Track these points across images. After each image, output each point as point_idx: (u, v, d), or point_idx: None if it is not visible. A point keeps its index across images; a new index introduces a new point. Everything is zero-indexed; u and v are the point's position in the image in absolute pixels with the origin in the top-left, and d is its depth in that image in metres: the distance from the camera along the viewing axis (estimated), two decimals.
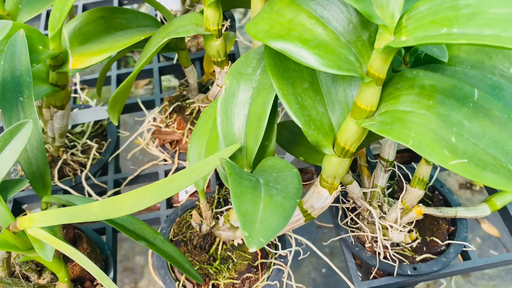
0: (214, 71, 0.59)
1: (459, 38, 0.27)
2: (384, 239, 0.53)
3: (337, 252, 1.07)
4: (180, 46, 0.64)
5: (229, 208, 0.57)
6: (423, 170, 0.49)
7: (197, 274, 0.50)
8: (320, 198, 0.44)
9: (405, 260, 0.54)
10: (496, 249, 1.08)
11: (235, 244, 0.55)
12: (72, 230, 0.56)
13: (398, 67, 0.47)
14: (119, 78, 0.85)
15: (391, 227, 0.52)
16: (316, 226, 1.11)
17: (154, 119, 0.72)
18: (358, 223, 0.56)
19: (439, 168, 0.62)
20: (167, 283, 0.54)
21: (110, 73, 0.85)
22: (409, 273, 0.52)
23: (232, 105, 0.46)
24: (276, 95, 0.43)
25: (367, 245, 0.55)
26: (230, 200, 0.55)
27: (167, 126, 0.70)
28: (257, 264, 0.54)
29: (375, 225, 0.53)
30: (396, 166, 0.60)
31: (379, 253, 0.53)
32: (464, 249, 0.55)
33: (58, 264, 0.46)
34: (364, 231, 0.54)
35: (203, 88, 0.73)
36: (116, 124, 0.59)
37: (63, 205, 0.51)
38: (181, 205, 0.61)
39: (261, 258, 0.55)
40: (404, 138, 0.32)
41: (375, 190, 0.54)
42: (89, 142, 0.72)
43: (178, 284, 0.53)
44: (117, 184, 0.71)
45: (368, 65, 0.34)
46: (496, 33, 0.26)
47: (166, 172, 0.71)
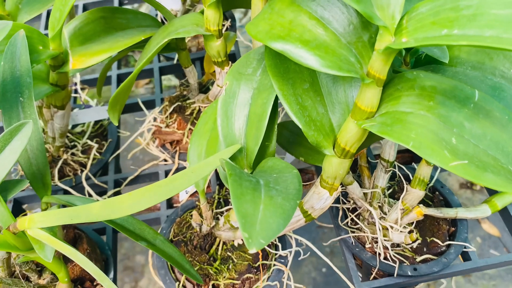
0: (215, 71, 0.59)
1: (460, 40, 0.27)
2: (385, 240, 0.53)
3: (338, 252, 1.07)
4: (181, 46, 0.64)
5: (229, 209, 0.57)
6: (424, 171, 0.49)
7: (197, 275, 0.50)
8: (321, 199, 0.44)
9: (406, 261, 0.54)
10: (497, 249, 1.08)
11: (235, 245, 0.55)
12: (72, 230, 0.56)
13: (399, 68, 0.47)
14: (120, 78, 0.85)
15: (392, 228, 0.52)
16: (317, 226, 1.11)
17: (155, 119, 0.72)
18: (359, 224, 0.56)
19: (440, 169, 0.62)
20: (167, 283, 0.54)
21: (111, 73, 0.85)
22: (410, 274, 0.52)
23: (233, 106, 0.45)
24: (277, 96, 0.43)
25: (368, 246, 0.55)
26: (230, 201, 0.55)
27: (168, 126, 0.70)
28: (258, 265, 0.54)
29: (376, 226, 0.53)
30: (397, 167, 0.60)
31: (380, 254, 0.53)
32: (465, 250, 0.55)
33: (58, 265, 0.46)
34: (365, 232, 0.54)
35: (204, 88, 0.73)
36: (117, 124, 0.59)
37: (63, 206, 0.51)
38: (181, 205, 0.61)
39: (262, 259, 0.55)
40: (405, 139, 0.32)
41: (376, 191, 0.54)
42: (90, 142, 0.72)
43: (178, 285, 0.53)
44: (118, 184, 0.71)
45: (369, 66, 0.34)
46: (497, 35, 0.26)
47: (167, 172, 0.71)
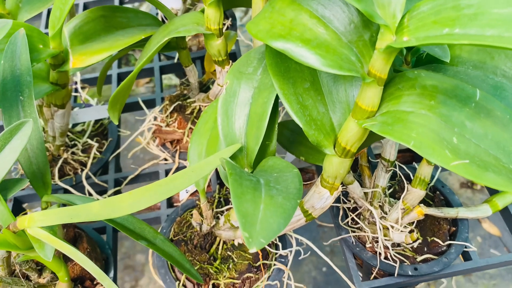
0: (215, 70, 0.59)
1: (461, 39, 0.27)
2: (385, 239, 0.53)
3: (338, 251, 1.07)
4: (181, 45, 0.64)
5: (230, 208, 0.57)
6: (425, 171, 0.48)
7: (198, 274, 0.50)
8: (321, 198, 0.44)
9: (406, 261, 0.53)
10: (497, 248, 1.07)
11: (236, 244, 0.55)
12: (73, 229, 0.56)
13: (400, 67, 0.47)
14: (120, 77, 0.85)
15: (392, 227, 0.52)
16: (317, 225, 1.11)
17: (155, 118, 0.72)
18: (359, 223, 0.56)
19: (440, 168, 0.62)
20: (168, 283, 0.54)
21: (111, 72, 0.85)
22: (410, 274, 0.52)
23: (233, 105, 0.45)
24: (277, 95, 0.43)
25: (368, 245, 0.55)
26: (231, 200, 0.55)
27: (168, 125, 0.69)
28: (258, 264, 0.54)
29: (376, 225, 0.52)
30: (397, 166, 0.60)
31: (380, 253, 0.53)
32: (465, 250, 0.55)
33: (58, 264, 0.46)
34: (365, 231, 0.54)
35: (204, 87, 0.73)
36: (117, 123, 0.59)
37: (63, 205, 0.51)
38: (182, 205, 0.61)
39: (262, 258, 0.54)
40: (406, 139, 0.32)
41: (376, 190, 0.54)
42: (90, 141, 0.72)
43: (179, 284, 0.53)
44: (118, 183, 0.71)
45: (370, 65, 0.34)
46: (498, 34, 0.26)
47: (167, 172, 0.71)
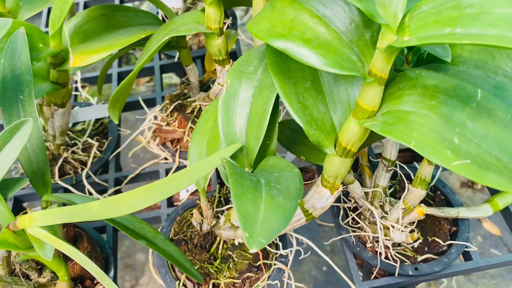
0: (215, 70, 0.59)
1: (463, 38, 0.27)
2: (386, 239, 0.53)
3: (338, 250, 1.07)
4: (181, 44, 0.64)
5: (230, 207, 0.57)
6: (425, 170, 0.48)
7: (198, 274, 0.50)
8: (322, 198, 0.44)
9: (407, 260, 0.53)
10: (497, 248, 1.07)
11: (236, 243, 0.55)
12: (73, 229, 0.56)
13: (401, 66, 0.47)
14: (120, 76, 0.85)
15: (393, 227, 0.52)
16: (317, 225, 1.11)
17: (155, 118, 0.72)
18: (360, 223, 0.55)
19: (441, 168, 0.62)
20: (168, 282, 0.54)
21: (111, 71, 0.85)
22: (411, 274, 0.52)
23: (234, 104, 0.45)
24: (278, 94, 0.43)
25: (369, 245, 0.54)
26: (231, 199, 0.55)
27: (168, 125, 0.69)
28: (258, 264, 0.54)
29: (377, 225, 0.52)
30: (398, 166, 0.60)
31: (381, 253, 0.53)
32: (466, 249, 0.55)
33: (58, 263, 0.46)
34: (366, 231, 0.54)
35: (204, 87, 0.73)
36: (117, 123, 0.59)
37: (64, 204, 0.51)
38: (182, 204, 0.61)
39: (262, 258, 0.54)
40: (407, 139, 0.32)
41: (377, 190, 0.54)
42: (90, 140, 0.72)
43: (179, 283, 0.53)
44: (118, 183, 0.71)
45: (371, 65, 0.33)
46: (500, 33, 0.26)
47: (167, 171, 0.71)
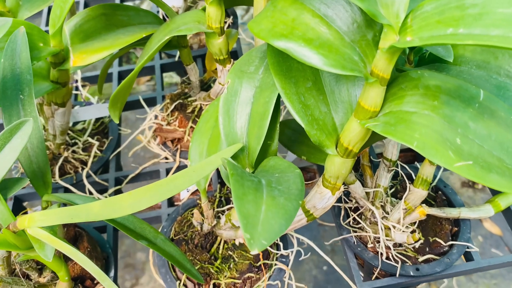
0: (216, 69, 0.59)
1: (466, 39, 0.27)
2: (387, 240, 0.52)
3: (339, 250, 1.07)
4: (182, 44, 0.64)
5: (231, 207, 0.57)
6: (427, 171, 0.48)
7: (198, 274, 0.50)
8: (323, 199, 0.44)
9: (408, 261, 0.53)
10: (498, 248, 1.07)
11: (237, 244, 0.55)
12: (73, 228, 0.56)
13: (402, 66, 0.46)
14: (121, 75, 0.85)
15: (394, 228, 0.52)
16: (317, 224, 1.11)
17: (156, 117, 0.72)
18: (361, 223, 0.55)
19: (442, 168, 0.61)
20: (168, 282, 0.53)
21: (112, 70, 0.85)
22: (412, 274, 0.52)
23: (234, 104, 0.45)
24: (279, 94, 0.43)
25: (370, 246, 0.54)
26: (232, 199, 0.55)
27: (169, 124, 0.69)
28: (259, 264, 0.54)
29: (378, 225, 0.52)
30: (399, 166, 0.60)
31: (382, 254, 0.53)
32: (467, 250, 0.55)
33: (59, 263, 0.46)
34: (367, 231, 0.54)
35: (205, 86, 0.73)
36: (117, 122, 0.59)
37: (64, 204, 0.51)
38: (183, 204, 0.61)
39: (263, 258, 0.54)
40: (409, 140, 0.31)
41: (378, 190, 0.53)
42: (90, 140, 0.72)
43: (179, 284, 0.53)
44: (118, 182, 0.71)
45: (373, 65, 0.33)
46: (503, 34, 0.26)
47: (168, 170, 0.70)
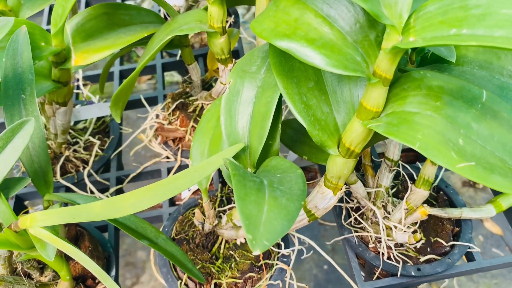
0: (218, 68, 0.59)
1: (469, 40, 0.27)
2: (388, 240, 0.52)
3: (339, 249, 1.07)
4: (184, 43, 0.64)
5: (232, 207, 0.57)
6: (428, 171, 0.48)
7: (200, 274, 0.50)
8: (324, 199, 0.44)
9: (409, 261, 0.53)
10: (499, 248, 1.07)
11: (238, 243, 0.55)
12: (74, 228, 0.56)
13: (404, 66, 0.46)
14: (122, 74, 0.85)
15: (395, 228, 0.52)
16: (318, 223, 1.11)
17: (157, 116, 0.72)
18: (362, 223, 0.55)
19: (444, 168, 0.61)
20: (169, 282, 0.53)
21: (113, 69, 0.85)
22: (413, 274, 0.52)
23: (236, 104, 0.45)
24: (281, 94, 0.42)
25: (371, 245, 0.54)
26: (233, 199, 0.55)
27: (170, 123, 0.69)
28: (260, 264, 0.54)
29: (379, 225, 0.52)
30: (401, 166, 0.60)
31: (383, 254, 0.53)
32: (469, 250, 0.55)
33: (60, 263, 0.46)
34: (368, 231, 0.54)
35: (207, 85, 0.72)
36: (119, 122, 0.59)
37: (65, 203, 0.51)
38: (184, 203, 0.61)
39: (264, 257, 0.54)
40: (411, 140, 0.31)
41: (379, 190, 0.53)
42: (92, 139, 0.72)
43: (181, 283, 0.53)
44: (120, 181, 0.70)
45: (375, 66, 0.33)
46: (507, 35, 0.26)
47: (169, 170, 0.70)
